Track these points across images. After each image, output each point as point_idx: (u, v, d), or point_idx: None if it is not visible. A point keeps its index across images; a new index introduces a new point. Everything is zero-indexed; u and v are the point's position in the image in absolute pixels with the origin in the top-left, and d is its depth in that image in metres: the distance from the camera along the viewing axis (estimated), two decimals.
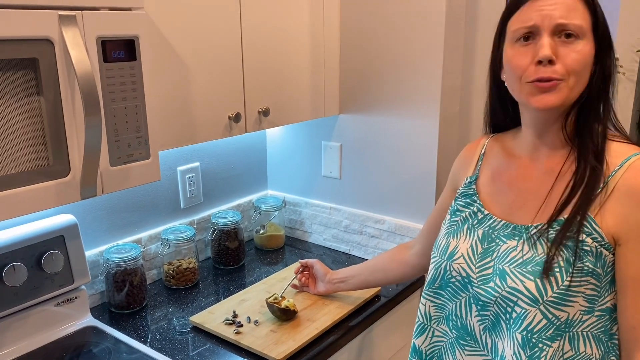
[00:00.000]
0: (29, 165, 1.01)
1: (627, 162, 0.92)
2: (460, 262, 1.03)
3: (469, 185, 1.11)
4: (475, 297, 1.01)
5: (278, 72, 1.61)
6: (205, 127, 1.43)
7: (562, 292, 0.91)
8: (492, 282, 0.98)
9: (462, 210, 1.09)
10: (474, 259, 1.02)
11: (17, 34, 0.94)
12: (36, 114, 1.00)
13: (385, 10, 1.69)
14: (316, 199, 2.02)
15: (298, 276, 1.63)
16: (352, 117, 1.85)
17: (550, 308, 0.92)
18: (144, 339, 1.43)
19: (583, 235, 0.92)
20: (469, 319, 1.04)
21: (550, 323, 0.93)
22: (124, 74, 1.10)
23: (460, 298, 1.04)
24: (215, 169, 1.92)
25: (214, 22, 1.39)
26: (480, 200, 1.07)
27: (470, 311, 1.03)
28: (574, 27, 0.91)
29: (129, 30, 1.10)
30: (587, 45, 0.92)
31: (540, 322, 0.93)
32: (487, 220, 1.04)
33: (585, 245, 0.92)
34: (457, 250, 1.05)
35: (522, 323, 0.94)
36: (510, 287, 0.95)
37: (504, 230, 1.01)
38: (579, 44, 0.92)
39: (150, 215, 1.73)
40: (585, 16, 0.93)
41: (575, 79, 0.92)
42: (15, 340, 1.35)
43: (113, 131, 1.11)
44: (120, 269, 1.52)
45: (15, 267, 1.29)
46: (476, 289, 1.01)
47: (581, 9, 0.92)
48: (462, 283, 1.03)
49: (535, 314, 0.93)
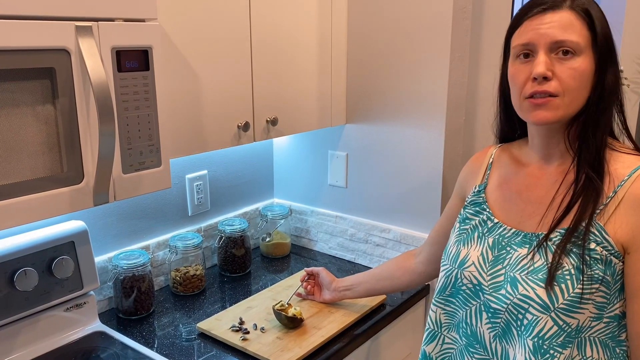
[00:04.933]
0: (44, 172, 1.03)
1: (636, 172, 0.94)
2: (472, 270, 1.04)
3: (478, 193, 1.13)
4: (486, 305, 1.03)
5: (286, 82, 1.63)
6: (214, 136, 1.45)
7: (573, 299, 0.93)
8: (504, 290, 0.99)
9: (471, 219, 1.10)
10: (485, 267, 1.03)
11: (35, 44, 0.96)
12: (51, 122, 1.02)
13: (391, 22, 1.71)
14: (322, 207, 2.03)
15: (303, 284, 1.64)
16: (359, 127, 1.87)
17: (561, 315, 0.93)
18: (151, 344, 1.44)
19: (593, 243, 0.93)
20: (479, 327, 1.05)
21: (561, 330, 0.94)
22: (137, 84, 1.13)
23: (471, 306, 1.05)
24: (222, 177, 1.94)
25: (223, 34, 1.42)
26: (490, 209, 1.09)
27: (481, 319, 1.04)
28: (571, 43, 0.93)
29: (142, 40, 1.12)
30: (584, 62, 0.93)
31: (551, 328, 0.94)
32: (497, 228, 1.05)
33: (595, 254, 0.93)
34: (468, 258, 1.06)
35: (533, 330, 0.95)
36: (522, 294, 0.96)
37: (515, 238, 1.02)
38: (576, 61, 0.93)
39: (158, 222, 1.75)
40: (583, 32, 0.94)
41: (572, 95, 0.94)
42: (25, 345, 1.36)
43: (126, 139, 1.13)
44: (129, 275, 1.54)
45: (26, 272, 1.31)
46: (487, 297, 1.02)
47: (578, 25, 0.94)
48: (473, 291, 1.04)
49: (546, 321, 0.94)
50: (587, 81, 0.95)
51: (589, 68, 0.94)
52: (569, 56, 0.93)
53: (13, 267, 1.30)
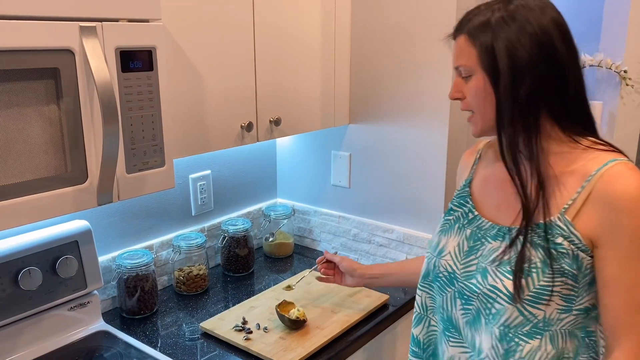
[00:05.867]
0: (48, 171, 1.03)
1: (603, 168, 0.95)
2: (447, 259, 1.10)
3: (464, 187, 1.17)
4: (460, 292, 1.08)
5: (289, 82, 1.64)
6: (218, 136, 1.45)
7: (539, 291, 0.97)
8: (475, 279, 1.05)
9: (455, 210, 1.15)
10: (459, 257, 1.09)
11: (39, 44, 0.97)
12: (56, 122, 1.03)
13: (394, 22, 1.71)
14: (325, 207, 2.03)
15: (319, 267, 1.58)
16: (362, 127, 1.87)
17: (527, 306, 0.98)
18: (155, 344, 1.45)
19: (560, 238, 0.96)
20: (454, 312, 1.10)
21: (527, 320, 0.99)
22: (141, 84, 1.13)
23: (447, 292, 1.11)
24: (226, 177, 1.94)
25: (227, 35, 1.42)
26: (473, 202, 1.13)
27: (455, 305, 1.09)
28: (462, 67, 1.02)
29: (146, 41, 1.13)
30: (477, 81, 1.00)
31: (517, 318, 0.99)
32: (476, 220, 1.10)
33: (562, 248, 0.96)
34: (446, 247, 1.12)
35: (500, 319, 1.01)
36: (491, 285, 1.01)
37: (491, 231, 1.06)
38: (472, 81, 1.01)
39: (161, 222, 1.75)
40: (471, 54, 1.00)
41: (479, 111, 1.02)
42: (29, 344, 1.37)
43: (130, 139, 1.14)
44: (132, 274, 1.55)
45: (30, 271, 1.31)
46: (461, 284, 1.07)
47: (467, 48, 1.00)
48: (449, 278, 1.10)
49: (513, 311, 0.99)
50: (488, 96, 0.99)
51: (482, 85, 0.99)
52: (468, 77, 1.02)
53: (17, 267, 1.30)
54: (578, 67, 1.00)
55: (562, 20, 0.99)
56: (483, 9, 1.01)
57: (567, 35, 0.99)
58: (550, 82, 0.97)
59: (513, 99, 0.97)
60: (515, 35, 0.95)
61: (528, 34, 0.95)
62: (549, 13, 0.97)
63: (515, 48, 0.95)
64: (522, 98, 0.97)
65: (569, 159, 1.00)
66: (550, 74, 0.96)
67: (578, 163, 0.98)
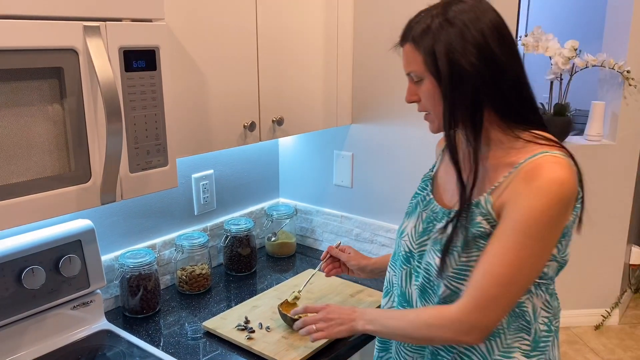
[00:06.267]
0: (52, 171, 1.04)
1: (531, 159, 1.02)
2: (406, 240, 1.21)
3: (429, 173, 1.27)
4: (414, 269, 1.19)
5: (292, 82, 1.64)
6: (221, 135, 1.45)
7: (460, 268, 1.08)
8: (424, 258, 1.16)
9: (418, 194, 1.25)
10: (414, 237, 1.19)
11: (43, 44, 0.97)
12: (59, 121, 1.03)
13: (397, 22, 1.71)
14: (327, 207, 2.04)
15: (323, 266, 1.56)
16: (364, 127, 1.87)
17: (452, 281, 1.09)
18: (157, 343, 1.45)
19: (479, 217, 1.05)
20: (408, 288, 1.21)
21: (454, 294, 1.10)
22: (144, 83, 1.13)
23: (404, 269, 1.22)
24: (228, 177, 1.94)
25: (230, 34, 1.43)
26: (435, 186, 1.22)
27: (410, 281, 1.20)
28: (413, 73, 1.08)
29: (149, 40, 1.13)
30: (427, 84, 1.06)
31: (447, 292, 1.11)
32: (431, 204, 1.19)
33: (480, 227, 1.05)
34: (406, 229, 1.22)
35: (438, 292, 1.13)
36: (427, 262, 1.14)
37: (439, 214, 1.15)
38: (423, 84, 1.08)
39: (164, 221, 1.76)
40: (418, 59, 1.06)
41: (433, 110, 1.09)
42: (32, 343, 1.37)
43: (133, 138, 1.14)
44: (135, 273, 1.55)
45: (34, 270, 1.32)
46: (416, 262, 1.19)
47: (413, 54, 1.06)
48: (406, 257, 1.21)
49: (443, 285, 1.11)
50: (437, 99, 1.06)
51: (432, 87, 1.06)
52: (419, 81, 1.08)
53: (21, 266, 1.31)
54: (519, 66, 1.06)
55: (500, 21, 1.04)
56: (423, 15, 1.07)
57: (505, 36, 1.04)
58: (491, 83, 1.02)
59: (457, 99, 1.03)
60: (454, 39, 1.01)
61: (466, 38, 1.00)
62: (487, 16, 1.02)
63: (455, 52, 1.01)
64: (465, 99, 1.03)
65: (508, 151, 1.06)
66: (490, 75, 1.02)
67: (515, 155, 1.05)
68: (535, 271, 1.03)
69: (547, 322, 1.12)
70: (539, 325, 1.11)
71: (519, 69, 1.05)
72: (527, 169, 1.01)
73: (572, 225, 1.06)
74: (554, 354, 1.14)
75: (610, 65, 3.02)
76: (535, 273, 1.03)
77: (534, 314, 1.10)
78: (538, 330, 1.11)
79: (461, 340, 1.06)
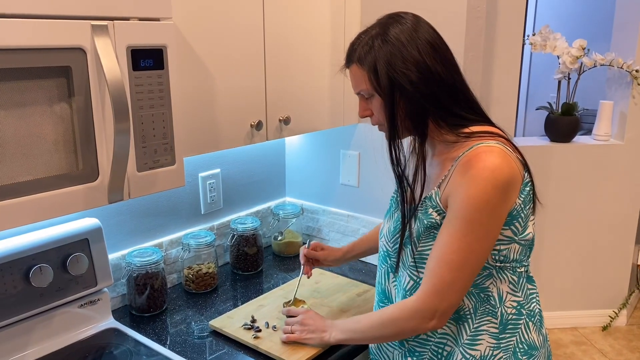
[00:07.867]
0: (59, 169, 1.04)
1: (467, 152, 1.10)
2: (383, 240, 1.29)
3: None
4: (391, 267, 1.26)
5: (299, 81, 1.64)
6: (228, 134, 1.45)
7: (416, 258, 1.17)
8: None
9: (393, 196, 1.33)
10: (389, 237, 1.26)
11: (51, 43, 0.97)
12: (67, 120, 1.03)
13: None
14: (334, 206, 2.03)
15: (305, 270, 1.59)
16: (371, 126, 1.86)
17: (412, 271, 1.19)
18: (164, 341, 1.45)
19: (430, 209, 1.14)
20: (387, 285, 1.29)
21: (415, 283, 1.19)
22: (152, 82, 1.13)
23: (383, 268, 1.30)
24: (235, 176, 1.95)
25: (237, 33, 1.42)
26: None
27: (388, 278, 1.28)
28: (363, 91, 1.17)
29: (157, 39, 1.13)
30: (376, 100, 1.15)
31: (409, 282, 1.20)
32: (402, 204, 1.24)
33: (432, 219, 1.14)
34: (384, 229, 1.30)
35: (402, 283, 1.22)
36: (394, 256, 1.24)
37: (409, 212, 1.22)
38: (372, 101, 1.16)
39: (171, 220, 1.76)
40: (364, 78, 1.14)
41: (385, 123, 1.16)
42: (39, 341, 1.38)
43: (140, 137, 1.14)
44: (142, 272, 1.55)
45: (41, 268, 1.32)
46: (392, 261, 1.26)
47: (359, 74, 1.15)
48: (384, 256, 1.29)
49: (405, 276, 1.21)
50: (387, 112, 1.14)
51: (380, 102, 1.14)
52: (370, 97, 1.16)
53: (28, 264, 1.31)
54: (456, 72, 1.15)
55: (435, 35, 1.14)
56: (363, 37, 1.15)
57: (440, 49, 1.13)
58: (430, 95, 1.11)
59: (400, 112, 1.12)
60: (393, 58, 1.09)
61: (404, 56, 1.09)
62: (422, 32, 1.12)
63: (394, 69, 1.09)
64: (407, 111, 1.12)
65: (452, 148, 1.15)
66: (428, 88, 1.10)
67: (456, 150, 1.14)
68: (484, 253, 1.09)
69: (517, 307, 1.17)
70: (506, 309, 1.16)
71: (456, 76, 1.14)
72: (464, 161, 1.09)
73: (522, 207, 1.11)
74: (530, 337, 1.18)
75: (618, 65, 3.00)
76: (484, 255, 1.10)
77: (499, 298, 1.16)
78: (505, 313, 1.16)
79: (427, 326, 1.13)
